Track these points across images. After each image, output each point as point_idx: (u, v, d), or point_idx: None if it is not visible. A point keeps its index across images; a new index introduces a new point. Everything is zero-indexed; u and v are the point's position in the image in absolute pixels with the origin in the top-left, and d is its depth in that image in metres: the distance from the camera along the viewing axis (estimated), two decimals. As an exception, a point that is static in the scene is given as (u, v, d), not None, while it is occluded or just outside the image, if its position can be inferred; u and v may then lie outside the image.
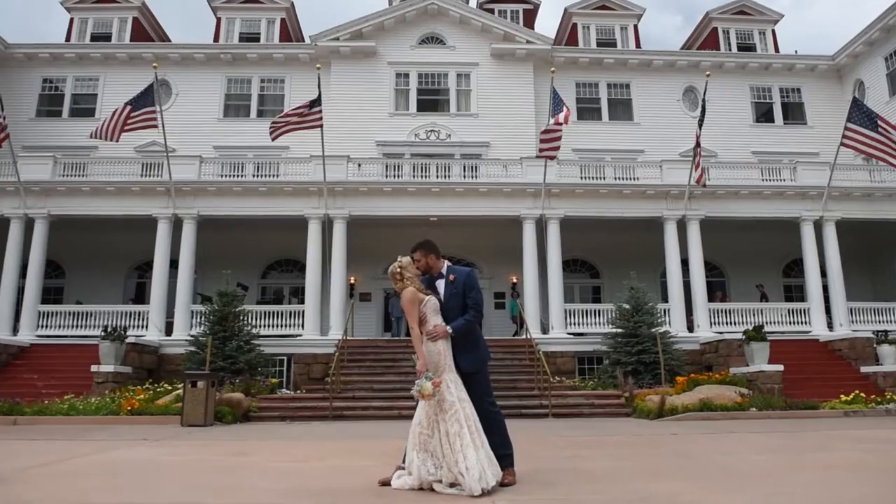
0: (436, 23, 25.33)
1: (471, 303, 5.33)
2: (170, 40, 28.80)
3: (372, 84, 24.69)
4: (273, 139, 18.30)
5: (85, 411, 12.80)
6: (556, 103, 18.11)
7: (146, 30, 27.43)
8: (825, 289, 20.21)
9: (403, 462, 5.15)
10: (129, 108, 17.45)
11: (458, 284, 5.36)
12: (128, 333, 16.89)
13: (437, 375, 5.05)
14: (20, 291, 19.19)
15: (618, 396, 15.30)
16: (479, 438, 4.95)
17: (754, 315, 20.07)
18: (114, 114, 17.52)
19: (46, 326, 18.99)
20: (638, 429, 10.94)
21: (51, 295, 22.54)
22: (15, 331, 18.79)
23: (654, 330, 17.15)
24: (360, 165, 20.61)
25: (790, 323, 20.18)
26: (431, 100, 24.97)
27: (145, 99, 17.81)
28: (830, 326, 19.88)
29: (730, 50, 27.09)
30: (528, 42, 24.92)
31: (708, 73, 20.77)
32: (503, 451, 5.21)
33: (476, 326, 5.40)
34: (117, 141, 17.76)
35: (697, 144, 18.97)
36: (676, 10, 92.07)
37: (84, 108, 25.05)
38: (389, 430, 10.38)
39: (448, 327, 5.18)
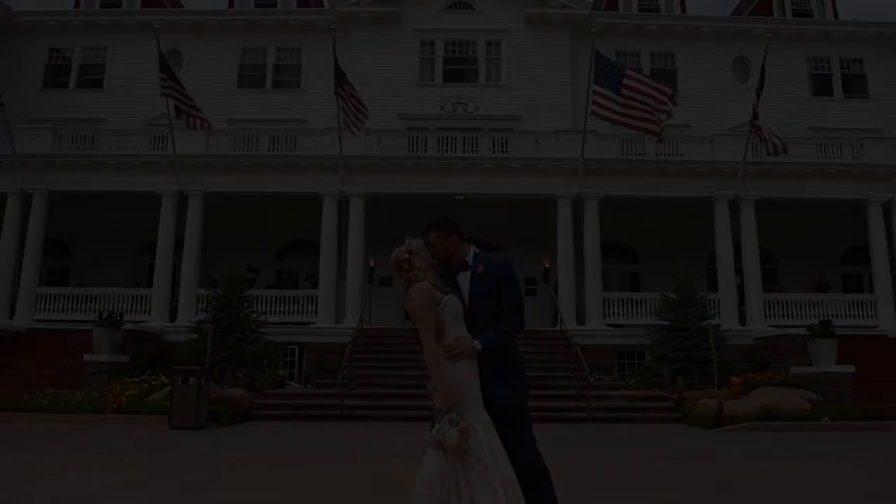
0: (464, -14, 23.47)
1: (507, 306, 3.61)
2: (183, 7, 27.30)
3: (395, 53, 22.89)
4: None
5: (66, 408, 11.44)
6: (600, 69, 16.19)
7: (158, -4, 25.94)
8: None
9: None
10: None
11: (490, 279, 3.63)
12: (126, 319, 15.54)
13: (459, 413, 3.42)
14: (20, 272, 18.05)
15: (665, 398, 13.57)
16: (520, 509, 3.33)
17: (812, 307, 18.16)
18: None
19: (45, 310, 17.77)
20: (701, 445, 9.24)
21: (56, 276, 21.48)
22: (13, 315, 17.64)
23: (705, 323, 15.32)
24: (380, 139, 19.00)
25: (852, 316, 18.21)
26: (459, 70, 23.13)
27: (170, 72, 16.93)
28: (900, 321, 17.88)
29: (784, 17, 24.77)
30: (563, 6, 22.88)
31: (768, 34, 18.55)
32: (552, 523, 3.60)
33: (515, 342, 3.71)
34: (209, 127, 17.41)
35: (755, 116, 16.98)
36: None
37: (92, 78, 23.66)
38: (404, 441, 8.83)
39: (475, 341, 3.49)
